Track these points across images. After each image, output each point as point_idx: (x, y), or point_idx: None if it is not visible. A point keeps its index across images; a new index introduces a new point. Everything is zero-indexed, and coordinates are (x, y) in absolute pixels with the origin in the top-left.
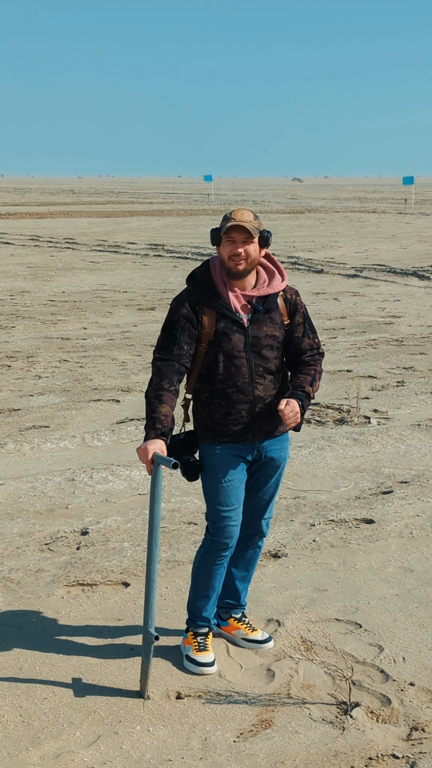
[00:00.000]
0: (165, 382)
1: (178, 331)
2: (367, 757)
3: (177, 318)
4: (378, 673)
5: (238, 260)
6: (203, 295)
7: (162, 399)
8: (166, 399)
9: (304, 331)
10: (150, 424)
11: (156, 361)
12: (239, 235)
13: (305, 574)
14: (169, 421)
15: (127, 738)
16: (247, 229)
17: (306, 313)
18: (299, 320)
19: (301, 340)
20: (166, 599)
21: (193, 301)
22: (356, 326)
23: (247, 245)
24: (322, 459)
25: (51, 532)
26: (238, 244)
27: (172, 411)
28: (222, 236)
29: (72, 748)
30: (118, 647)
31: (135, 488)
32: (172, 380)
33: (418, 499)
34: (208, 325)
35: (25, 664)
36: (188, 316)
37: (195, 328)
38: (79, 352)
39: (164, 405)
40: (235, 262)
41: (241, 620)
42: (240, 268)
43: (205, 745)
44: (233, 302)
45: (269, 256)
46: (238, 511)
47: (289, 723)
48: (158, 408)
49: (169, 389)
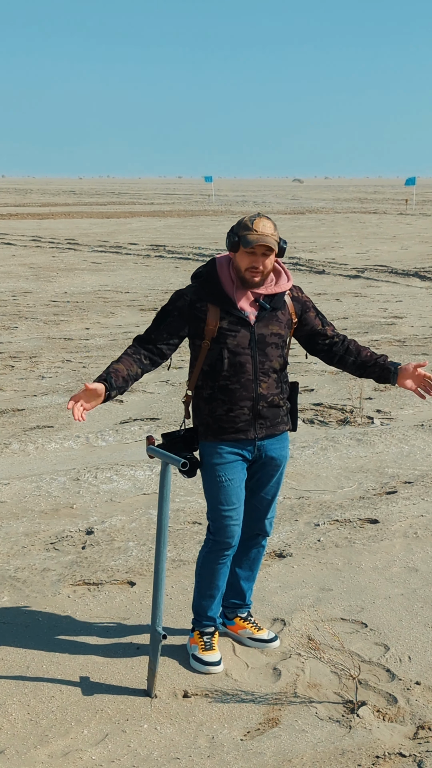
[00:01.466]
0: (131, 350)
1: (164, 320)
2: (374, 756)
3: (170, 309)
4: (384, 672)
5: (256, 273)
6: (208, 292)
7: (120, 360)
8: (124, 360)
9: (323, 321)
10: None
11: (135, 338)
12: (261, 248)
13: (310, 574)
14: (118, 378)
15: (134, 736)
16: (271, 246)
17: (314, 305)
18: (313, 314)
19: (324, 330)
20: (172, 598)
21: (195, 298)
22: (358, 327)
23: (266, 258)
24: (326, 459)
25: (56, 532)
26: (258, 257)
27: (127, 372)
28: (242, 247)
29: (80, 746)
30: (124, 646)
31: (139, 488)
32: (139, 351)
33: (422, 499)
34: (212, 323)
35: (32, 663)
36: (181, 310)
37: (183, 323)
38: (82, 352)
39: (119, 363)
40: (252, 274)
41: (247, 619)
42: (256, 280)
43: (213, 744)
44: (240, 300)
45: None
46: (238, 510)
47: (296, 722)
48: (112, 364)
49: (131, 355)
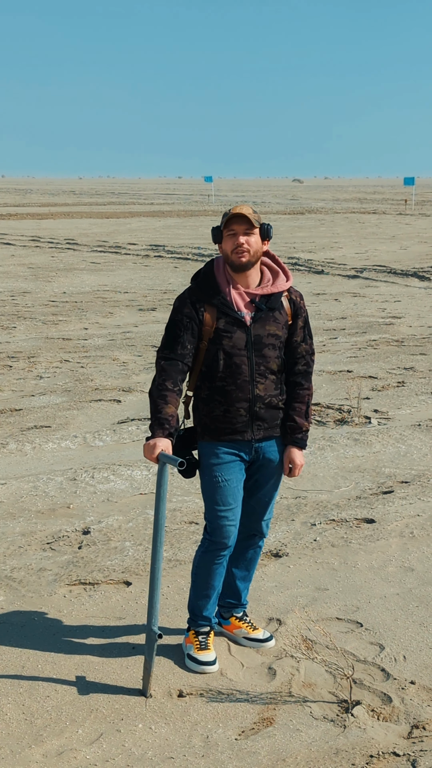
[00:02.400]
0: (169, 382)
1: (181, 331)
2: (368, 755)
3: (180, 317)
4: (379, 671)
5: (241, 252)
6: (205, 293)
7: (167, 399)
8: (171, 399)
9: (304, 336)
10: (157, 425)
11: (160, 360)
12: (240, 227)
13: (306, 574)
14: (174, 422)
15: (129, 736)
16: (248, 218)
17: (307, 318)
18: (300, 324)
19: (299, 345)
20: (168, 598)
21: (194, 299)
22: (357, 327)
23: (249, 236)
24: (323, 459)
25: (53, 532)
26: (240, 235)
27: (177, 411)
28: (223, 231)
29: (74, 745)
30: (120, 646)
31: (136, 488)
32: (176, 380)
33: (418, 499)
34: (209, 323)
35: (27, 663)
36: (191, 315)
37: (197, 326)
38: (80, 352)
39: (170, 405)
40: (238, 254)
41: (243, 619)
42: (243, 260)
43: (207, 743)
44: (235, 300)
45: (273, 257)
46: (235, 510)
47: (291, 721)
48: (164, 408)
49: (173, 389)
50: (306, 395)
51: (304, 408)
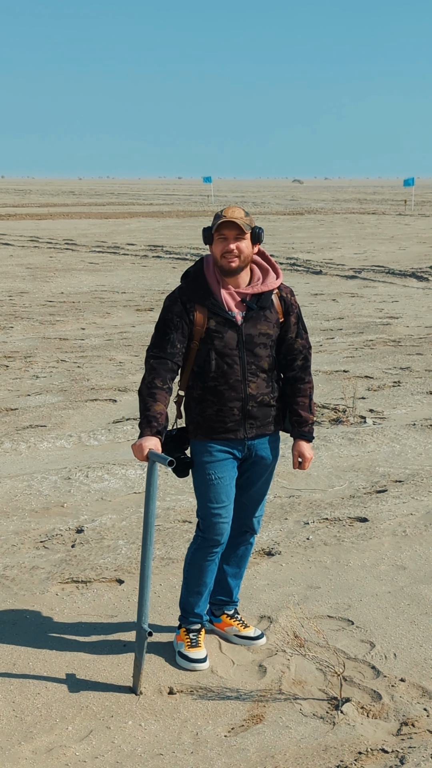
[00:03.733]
0: (158, 380)
1: (171, 329)
2: (357, 752)
3: (170, 316)
4: (369, 669)
5: (231, 257)
6: (195, 293)
7: (156, 397)
8: (160, 397)
9: (298, 332)
10: (145, 422)
11: (149, 359)
12: (231, 232)
13: (299, 572)
14: (163, 420)
15: (119, 732)
16: (238, 224)
17: (299, 313)
18: (293, 321)
19: (294, 341)
20: (160, 596)
21: (185, 299)
22: (354, 327)
23: (240, 242)
24: (318, 458)
25: (46, 530)
26: (230, 240)
27: (166, 409)
28: (213, 234)
29: (64, 742)
30: (111, 643)
31: (130, 487)
32: (166, 378)
33: (411, 498)
34: (200, 323)
35: (18, 660)
36: (181, 314)
37: (188, 326)
38: (77, 352)
39: (158, 403)
40: (227, 259)
41: (234, 617)
42: (233, 266)
43: (197, 740)
44: (226, 300)
45: (263, 254)
46: (228, 508)
47: (280, 718)
48: (153, 406)
49: (162, 387)
50: (308, 389)
51: (307, 402)
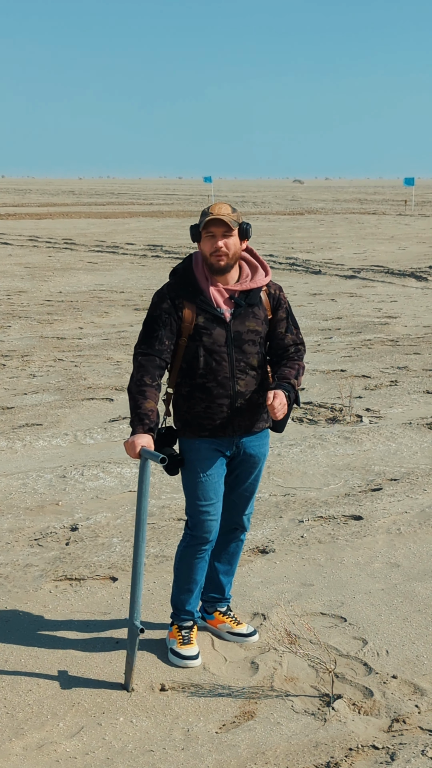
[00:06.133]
0: (147, 378)
1: (159, 326)
2: (348, 748)
3: (158, 313)
4: (361, 665)
5: (220, 255)
6: (184, 289)
7: (146, 395)
8: (150, 395)
9: (287, 327)
10: (137, 420)
11: (137, 356)
12: (218, 229)
13: (292, 570)
14: (155, 417)
15: (109, 729)
16: (225, 222)
17: (289, 308)
18: (282, 316)
19: (284, 336)
20: (153, 593)
21: (173, 295)
22: (352, 326)
23: (227, 239)
24: (313, 457)
25: (41, 528)
26: (218, 238)
27: (157, 406)
28: (201, 232)
29: (55, 738)
30: (103, 640)
31: (125, 485)
32: (154, 375)
33: (406, 496)
34: (188, 320)
35: (10, 657)
36: (169, 311)
37: (176, 323)
38: (74, 351)
39: (149, 401)
40: (216, 257)
41: (227, 614)
42: (222, 264)
43: (188, 736)
44: (214, 297)
45: (251, 251)
46: (217, 505)
47: (272, 715)
48: (144, 404)
49: (151, 384)
50: (297, 365)
51: (294, 371)
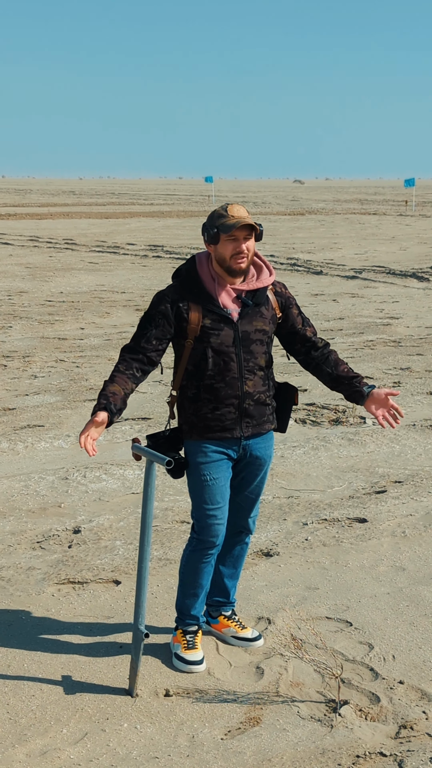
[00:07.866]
0: (122, 366)
1: (150, 326)
2: (355, 755)
3: (153, 313)
4: (367, 671)
5: (241, 258)
6: (189, 291)
7: (114, 379)
8: (119, 380)
9: (304, 320)
10: (97, 401)
11: (122, 350)
12: (242, 233)
13: (297, 573)
14: (117, 400)
15: (114, 735)
16: (253, 226)
17: (298, 304)
18: (295, 312)
19: (304, 330)
20: (157, 597)
21: (177, 298)
22: (354, 327)
23: (248, 241)
24: (317, 459)
25: (43, 531)
26: (241, 241)
27: (124, 392)
28: (222, 235)
29: (58, 745)
30: (107, 645)
31: (128, 487)
32: (131, 366)
33: (411, 499)
34: (195, 322)
35: (13, 662)
36: (165, 313)
37: (170, 326)
38: (76, 352)
39: (114, 384)
40: (237, 260)
41: (231, 618)
42: (243, 266)
43: (193, 743)
44: (221, 297)
45: (255, 252)
46: (223, 509)
47: (278, 721)
48: (108, 386)
49: (124, 372)
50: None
51: (346, 364)
